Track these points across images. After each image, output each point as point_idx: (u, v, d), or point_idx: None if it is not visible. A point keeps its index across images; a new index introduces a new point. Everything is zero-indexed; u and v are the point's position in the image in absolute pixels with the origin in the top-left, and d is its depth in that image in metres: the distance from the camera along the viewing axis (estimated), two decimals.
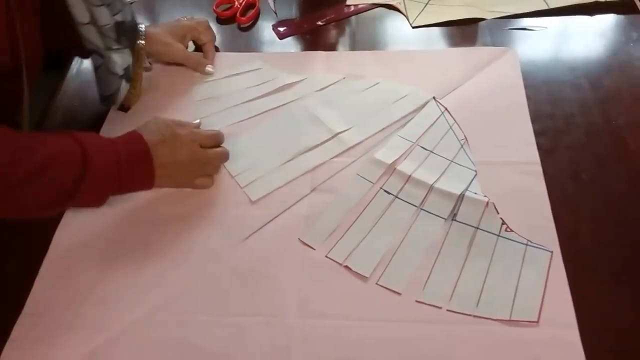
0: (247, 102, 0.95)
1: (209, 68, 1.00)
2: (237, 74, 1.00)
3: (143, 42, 0.92)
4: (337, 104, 0.93)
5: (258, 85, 0.97)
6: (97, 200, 0.76)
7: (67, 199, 0.72)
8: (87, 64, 1.04)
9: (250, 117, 0.93)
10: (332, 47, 1.05)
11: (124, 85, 0.89)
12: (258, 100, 0.95)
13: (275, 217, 0.79)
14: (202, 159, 0.81)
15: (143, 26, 0.93)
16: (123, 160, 0.74)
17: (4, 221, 0.80)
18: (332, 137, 0.88)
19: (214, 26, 1.10)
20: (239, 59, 1.03)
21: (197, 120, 0.88)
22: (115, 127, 0.92)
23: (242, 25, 1.10)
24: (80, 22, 0.79)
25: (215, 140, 0.84)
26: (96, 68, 0.85)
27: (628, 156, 0.82)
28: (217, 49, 1.04)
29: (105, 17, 0.81)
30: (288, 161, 0.85)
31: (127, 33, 0.86)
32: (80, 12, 0.78)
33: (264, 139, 0.89)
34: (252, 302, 0.71)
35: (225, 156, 0.84)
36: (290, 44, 1.06)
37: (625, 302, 0.68)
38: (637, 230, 0.74)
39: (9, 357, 0.68)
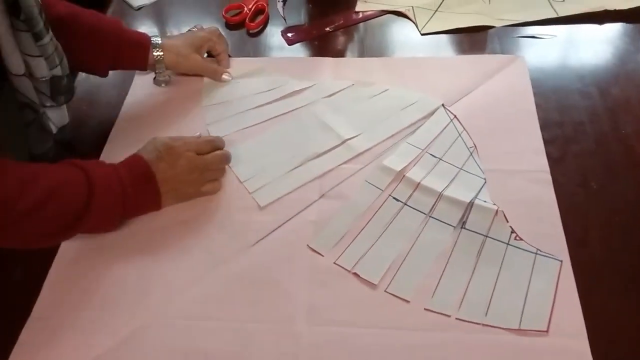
0: (256, 107, 0.95)
1: (225, 76, 1.00)
2: (246, 80, 1.00)
3: (161, 53, 0.93)
4: (345, 110, 0.93)
5: (267, 91, 0.97)
6: (105, 225, 0.77)
7: (74, 228, 0.72)
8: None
9: (259, 123, 0.93)
10: (340, 54, 1.05)
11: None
12: (267, 106, 0.95)
13: (284, 223, 0.79)
14: (200, 165, 0.81)
15: (160, 39, 0.93)
16: (127, 183, 0.75)
17: None
18: (341, 144, 0.88)
19: (223, 31, 1.10)
20: (247, 65, 1.03)
21: (197, 133, 0.88)
22: (124, 132, 0.93)
23: (251, 31, 1.10)
24: (15, 74, 0.75)
25: (212, 145, 0.83)
26: (27, 125, 0.80)
27: (637, 164, 0.82)
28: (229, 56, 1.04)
29: (42, 69, 0.76)
30: (296, 167, 0.85)
31: (62, 90, 0.82)
32: (15, 63, 0.73)
33: (273, 145, 0.89)
34: (259, 308, 0.71)
35: (224, 158, 0.84)
36: (299, 50, 1.06)
37: (635, 311, 0.68)
38: None
39: None
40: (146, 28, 1.15)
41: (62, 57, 0.80)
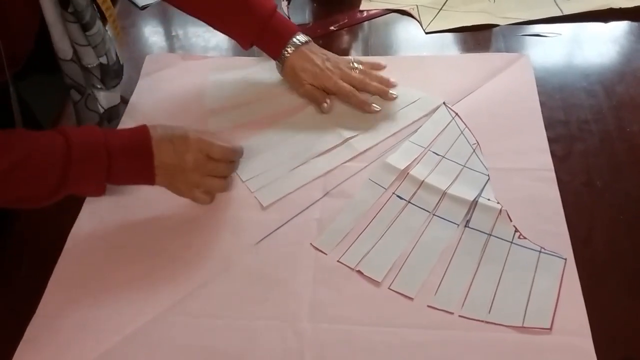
0: (258, 102, 0.96)
1: (325, 105, 0.92)
2: (250, 76, 1.01)
3: (288, 56, 0.92)
4: (348, 108, 0.93)
5: (270, 87, 0.98)
6: (90, 190, 0.75)
7: (56, 191, 0.72)
8: None
9: (260, 118, 0.93)
10: (344, 52, 1.05)
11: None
12: (269, 102, 0.96)
13: (288, 221, 0.79)
14: (203, 169, 0.79)
15: (302, 41, 0.92)
16: (116, 151, 0.73)
17: (19, 224, 0.81)
18: (343, 142, 0.88)
19: None
20: (251, 63, 1.03)
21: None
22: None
23: None
24: (63, 59, 0.79)
25: (225, 154, 0.81)
26: (74, 103, 0.85)
27: None
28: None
29: (89, 57, 0.81)
30: (299, 166, 0.85)
31: (111, 74, 0.86)
32: (63, 49, 0.78)
33: (275, 143, 0.89)
34: (263, 306, 0.71)
35: (231, 169, 0.82)
36: None
37: (639, 309, 0.68)
38: None
39: (22, 358, 0.68)
40: (151, 27, 1.15)
41: (110, 46, 0.84)
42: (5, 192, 0.70)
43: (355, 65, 0.95)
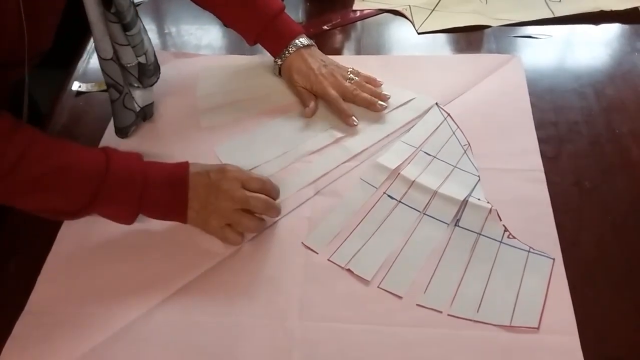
0: (249, 99, 0.96)
1: (307, 110, 0.92)
2: (242, 72, 1.01)
3: (288, 55, 0.93)
4: None
5: (262, 84, 0.98)
6: (119, 216, 0.75)
7: (84, 209, 0.72)
8: (92, 64, 1.05)
9: (251, 114, 0.93)
10: (337, 52, 1.05)
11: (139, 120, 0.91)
12: (261, 98, 0.96)
13: (279, 219, 0.79)
14: (237, 197, 0.74)
15: (303, 43, 0.94)
16: (152, 182, 0.73)
17: (7, 220, 0.81)
18: (335, 142, 0.88)
19: (220, 29, 1.11)
20: (244, 61, 1.03)
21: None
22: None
23: None
24: (103, 58, 0.80)
25: (262, 186, 0.76)
26: (112, 101, 0.86)
27: (631, 165, 0.83)
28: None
29: (128, 56, 0.83)
30: (291, 164, 0.86)
31: (148, 74, 0.88)
32: (104, 48, 0.79)
33: (266, 140, 0.89)
34: (253, 304, 0.71)
35: (267, 205, 0.76)
36: None
37: (626, 309, 0.68)
38: (638, 238, 0.75)
39: (10, 355, 0.68)
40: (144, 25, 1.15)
41: (149, 47, 0.86)
42: (39, 196, 0.70)
43: (351, 76, 0.95)
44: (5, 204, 0.72)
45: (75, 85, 0.99)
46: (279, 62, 0.95)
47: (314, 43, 0.96)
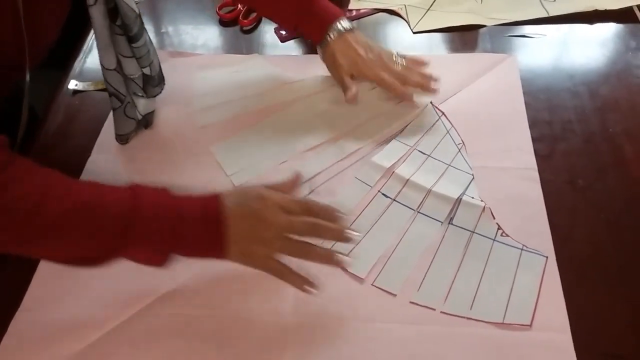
0: (245, 97, 0.96)
1: (349, 94, 0.90)
2: (238, 71, 1.01)
3: (330, 40, 0.91)
4: (335, 106, 0.94)
5: (258, 82, 0.98)
6: (150, 259, 0.67)
7: (110, 253, 0.65)
8: (89, 63, 1.05)
9: (247, 113, 0.93)
10: None
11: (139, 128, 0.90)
12: (257, 97, 0.96)
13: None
14: (279, 223, 0.68)
15: (345, 27, 0.91)
16: (187, 211, 0.66)
17: None
18: (330, 140, 0.89)
19: (217, 28, 1.11)
20: (240, 60, 1.04)
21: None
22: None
23: (244, 28, 1.11)
24: (107, 67, 0.80)
25: (305, 208, 0.70)
26: (114, 109, 0.85)
27: (624, 163, 0.83)
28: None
29: (132, 68, 0.82)
30: (285, 162, 0.86)
31: (153, 84, 0.87)
32: (107, 59, 0.79)
33: (261, 139, 0.90)
34: (247, 301, 0.71)
35: (315, 227, 0.69)
36: (292, 47, 1.07)
37: (618, 306, 0.69)
38: (631, 237, 0.75)
39: (5, 352, 0.68)
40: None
41: (154, 58, 0.85)
42: (62, 240, 0.63)
43: (398, 60, 0.93)
44: (23, 253, 0.65)
45: (72, 84, 1.00)
46: (322, 47, 0.92)
47: (356, 26, 0.93)
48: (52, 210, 0.61)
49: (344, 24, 0.92)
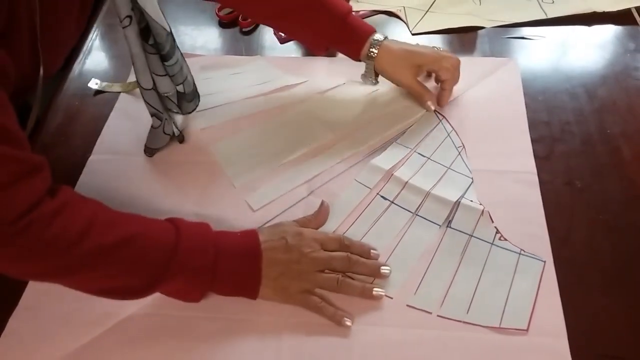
0: (245, 99, 0.96)
1: (429, 103, 0.91)
2: (238, 73, 1.01)
3: (375, 52, 0.88)
4: (336, 108, 0.94)
5: (258, 84, 0.98)
6: (188, 287, 0.69)
7: (157, 277, 0.66)
8: (88, 64, 1.05)
9: (247, 115, 0.94)
10: (332, 53, 1.05)
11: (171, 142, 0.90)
12: (256, 99, 0.96)
13: (272, 218, 0.79)
14: (316, 259, 0.71)
15: (381, 36, 0.89)
16: (225, 247, 0.69)
17: None
18: (330, 142, 0.89)
19: (216, 30, 1.11)
20: (240, 62, 1.04)
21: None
22: (117, 128, 0.93)
23: (243, 29, 1.11)
24: (145, 88, 0.81)
25: (340, 244, 0.74)
26: (153, 128, 0.86)
27: (622, 165, 0.83)
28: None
29: (166, 86, 0.82)
30: (285, 163, 0.86)
31: (186, 102, 0.87)
32: (145, 79, 0.80)
33: (262, 140, 0.90)
34: (243, 303, 0.71)
35: (349, 263, 0.72)
36: (291, 49, 1.07)
37: (615, 310, 0.69)
38: (629, 238, 0.75)
39: (3, 350, 0.69)
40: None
41: (187, 75, 0.84)
42: (105, 270, 0.64)
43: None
44: (62, 283, 0.65)
45: (92, 83, 1.00)
46: (369, 62, 0.90)
47: (387, 37, 0.90)
48: (95, 242, 0.62)
49: (379, 37, 0.89)
